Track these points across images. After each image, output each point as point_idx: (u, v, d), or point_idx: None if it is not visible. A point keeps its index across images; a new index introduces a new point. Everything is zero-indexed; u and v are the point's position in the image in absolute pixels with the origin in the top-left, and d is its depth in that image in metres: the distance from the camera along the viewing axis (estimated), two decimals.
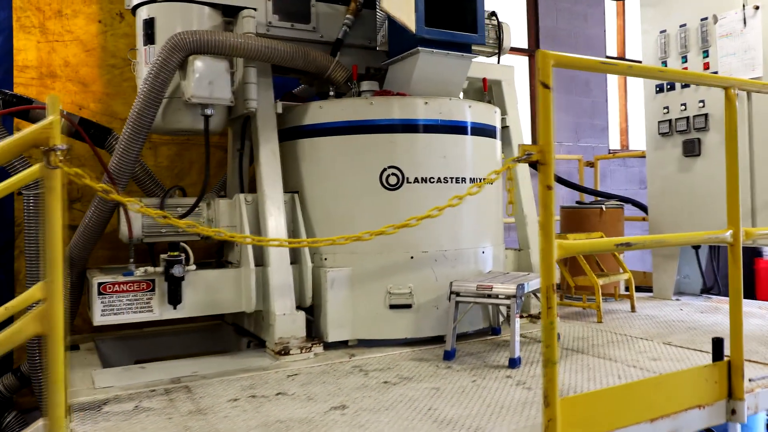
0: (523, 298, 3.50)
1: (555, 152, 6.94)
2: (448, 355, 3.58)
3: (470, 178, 4.12)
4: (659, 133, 5.37)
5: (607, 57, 7.60)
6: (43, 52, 4.68)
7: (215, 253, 4.60)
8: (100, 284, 3.48)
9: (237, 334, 4.54)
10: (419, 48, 3.87)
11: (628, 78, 7.91)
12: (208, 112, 3.74)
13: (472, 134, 4.15)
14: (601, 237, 5.15)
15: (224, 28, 4.00)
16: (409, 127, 3.92)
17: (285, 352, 3.62)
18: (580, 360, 3.48)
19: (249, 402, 2.89)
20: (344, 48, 4.31)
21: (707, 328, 4.24)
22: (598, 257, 5.24)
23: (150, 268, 3.56)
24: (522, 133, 4.98)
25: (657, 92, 5.40)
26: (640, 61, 5.64)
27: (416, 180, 3.92)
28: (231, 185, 4.61)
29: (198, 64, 3.60)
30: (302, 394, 2.98)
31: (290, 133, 4.14)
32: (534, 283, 3.75)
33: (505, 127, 4.88)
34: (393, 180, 3.89)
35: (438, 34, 3.87)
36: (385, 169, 3.89)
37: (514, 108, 4.96)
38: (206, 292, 3.74)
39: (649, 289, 5.74)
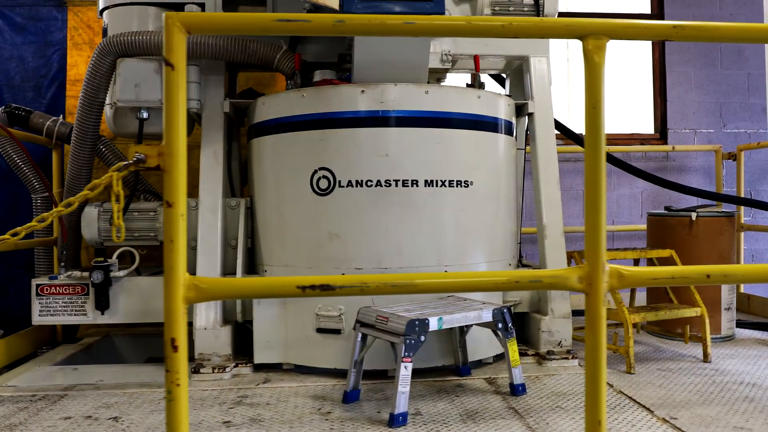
0: (423, 337, 2.71)
1: (689, 141, 5.40)
2: (347, 397, 2.95)
3: (441, 181, 3.38)
4: None
5: None
6: None
7: None
8: (38, 286, 3.63)
9: None
10: None
11: None
12: (143, 115, 3.64)
13: (440, 126, 3.39)
14: (670, 257, 3.83)
15: None
16: (341, 121, 3.33)
17: (195, 370, 3.36)
18: (490, 428, 2.57)
19: (72, 424, 2.71)
20: (311, 36, 3.86)
21: None
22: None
23: (77, 273, 3.61)
24: (552, 123, 3.93)
25: None
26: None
27: (350, 184, 3.32)
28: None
29: (121, 66, 3.52)
30: (126, 422, 2.70)
31: (250, 132, 3.85)
32: (467, 316, 2.91)
33: (529, 114, 3.92)
34: (324, 184, 3.35)
35: (369, 8, 3.21)
36: (315, 171, 3.37)
37: (545, 90, 3.93)
38: (141, 299, 3.66)
39: None
